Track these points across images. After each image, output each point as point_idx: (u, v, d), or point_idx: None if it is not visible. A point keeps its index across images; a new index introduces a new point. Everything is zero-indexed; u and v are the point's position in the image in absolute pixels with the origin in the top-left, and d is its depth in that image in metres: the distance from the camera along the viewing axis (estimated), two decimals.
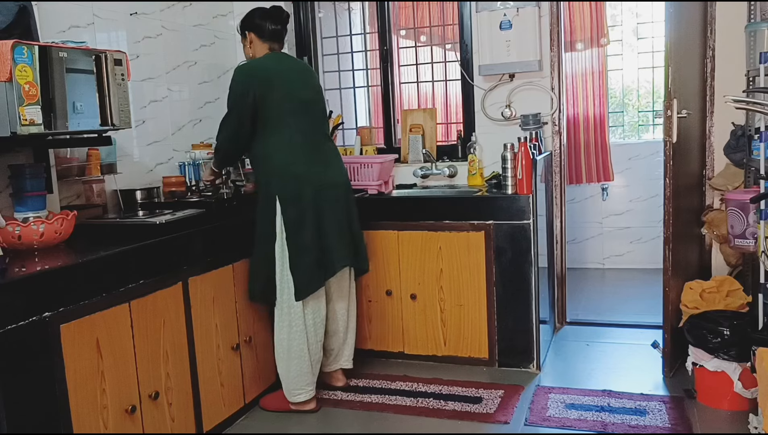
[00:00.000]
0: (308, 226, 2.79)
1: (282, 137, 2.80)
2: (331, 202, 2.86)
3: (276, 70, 2.83)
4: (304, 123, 2.84)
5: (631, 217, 5.11)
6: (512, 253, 3.20)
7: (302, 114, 2.84)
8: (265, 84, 2.76)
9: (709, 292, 2.92)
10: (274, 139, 2.80)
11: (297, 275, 2.79)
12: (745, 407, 2.62)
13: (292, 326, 2.85)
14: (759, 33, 2.91)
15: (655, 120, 5.49)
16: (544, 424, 2.72)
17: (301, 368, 2.88)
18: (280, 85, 2.79)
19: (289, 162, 2.80)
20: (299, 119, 2.82)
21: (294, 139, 2.81)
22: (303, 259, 2.79)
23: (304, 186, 2.79)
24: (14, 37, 2.20)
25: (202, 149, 3.42)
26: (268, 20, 2.89)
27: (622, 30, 5.37)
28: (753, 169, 2.96)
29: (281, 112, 2.79)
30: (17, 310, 1.89)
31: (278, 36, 2.92)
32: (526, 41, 3.49)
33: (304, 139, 2.84)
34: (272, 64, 2.86)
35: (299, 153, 2.81)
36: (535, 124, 3.48)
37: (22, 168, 2.42)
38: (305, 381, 2.90)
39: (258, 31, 2.89)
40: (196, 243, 2.66)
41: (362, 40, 4.46)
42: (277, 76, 2.81)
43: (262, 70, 2.81)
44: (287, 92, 2.80)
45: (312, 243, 2.80)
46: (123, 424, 2.25)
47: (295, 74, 2.89)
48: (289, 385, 2.90)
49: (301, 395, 2.90)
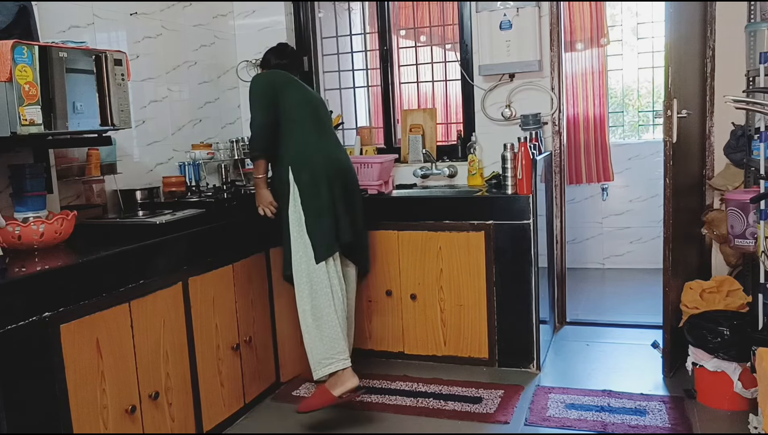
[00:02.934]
0: (323, 190, 2.85)
1: (297, 132, 2.91)
2: (339, 181, 2.92)
3: (288, 77, 3.04)
4: (316, 118, 2.99)
5: (631, 217, 5.11)
6: (512, 253, 3.20)
7: (314, 113, 2.99)
8: (281, 85, 2.95)
9: (709, 292, 2.92)
10: (290, 135, 2.91)
11: (315, 236, 2.82)
12: (745, 407, 2.62)
13: (316, 291, 2.81)
14: (759, 33, 2.91)
15: (655, 120, 5.49)
16: (544, 424, 2.72)
17: (333, 333, 2.78)
18: (293, 88, 2.98)
19: (302, 147, 2.91)
20: (312, 117, 2.97)
21: (308, 130, 2.93)
22: (320, 220, 2.83)
23: (316, 158, 2.89)
24: (14, 37, 2.20)
25: (202, 149, 3.42)
26: (272, 55, 3.16)
27: (622, 30, 5.37)
28: (753, 169, 2.96)
29: (296, 111, 2.93)
30: (17, 310, 1.89)
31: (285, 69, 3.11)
32: (526, 41, 3.49)
33: (317, 132, 2.97)
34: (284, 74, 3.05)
35: (312, 141, 2.93)
36: (535, 124, 3.48)
37: (22, 168, 2.42)
38: (338, 348, 2.78)
39: (265, 65, 3.18)
40: (196, 243, 2.66)
41: (362, 40, 4.46)
42: (289, 81, 3.02)
43: (277, 75, 3.03)
44: (300, 94, 2.98)
45: (327, 207, 2.85)
46: (123, 424, 2.25)
47: (302, 84, 3.10)
48: (318, 355, 2.78)
49: (334, 364, 2.76)
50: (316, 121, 2.99)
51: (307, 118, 2.96)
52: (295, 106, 2.95)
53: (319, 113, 3.04)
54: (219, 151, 3.53)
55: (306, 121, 2.96)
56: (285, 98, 2.94)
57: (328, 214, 2.85)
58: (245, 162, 3.76)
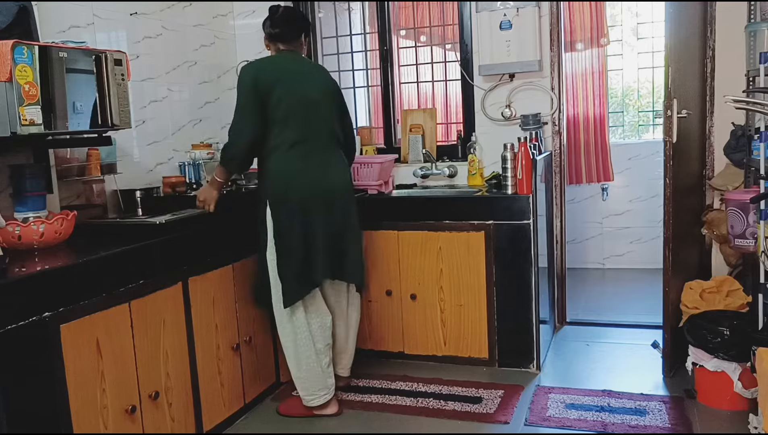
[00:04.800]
0: (296, 231, 2.73)
1: (279, 139, 2.74)
2: (322, 208, 2.77)
3: (281, 68, 2.79)
4: (304, 124, 2.77)
5: (631, 217, 5.11)
6: (512, 253, 3.20)
7: (303, 115, 2.77)
8: (267, 82, 2.71)
9: (709, 292, 2.92)
10: (273, 140, 2.75)
11: (284, 281, 2.74)
12: (745, 407, 2.62)
13: (297, 334, 2.81)
14: (759, 33, 2.91)
15: (655, 120, 5.49)
16: (544, 424, 2.72)
17: (313, 374, 2.83)
18: (282, 84, 2.72)
19: (282, 165, 2.74)
20: (300, 120, 2.76)
21: (291, 140, 2.74)
22: (290, 265, 2.73)
23: (294, 190, 2.73)
24: (14, 37, 2.20)
25: (202, 149, 3.42)
26: (267, 21, 2.88)
27: (622, 30, 5.37)
28: (753, 169, 2.96)
29: (282, 113, 2.72)
30: (17, 310, 1.89)
31: (279, 38, 2.86)
32: (526, 41, 3.49)
33: (302, 141, 2.76)
34: (278, 63, 2.83)
35: (294, 156, 2.74)
36: (535, 124, 3.48)
37: (22, 168, 2.42)
38: (318, 386, 2.84)
39: (268, 37, 2.89)
40: (196, 243, 2.66)
41: (362, 40, 4.45)
42: (281, 74, 2.75)
43: (265, 68, 2.77)
44: (289, 92, 2.73)
45: (298, 249, 2.73)
46: (123, 424, 2.25)
47: (301, 75, 2.83)
48: (302, 391, 2.86)
49: (315, 400, 2.85)
50: (307, 125, 2.76)
51: (294, 123, 2.73)
52: (282, 105, 2.70)
53: (313, 112, 2.78)
54: (219, 151, 3.53)
55: (292, 127, 2.73)
56: (272, 95, 2.69)
57: (298, 257, 2.73)
58: None
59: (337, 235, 2.85)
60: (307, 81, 2.84)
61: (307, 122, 2.78)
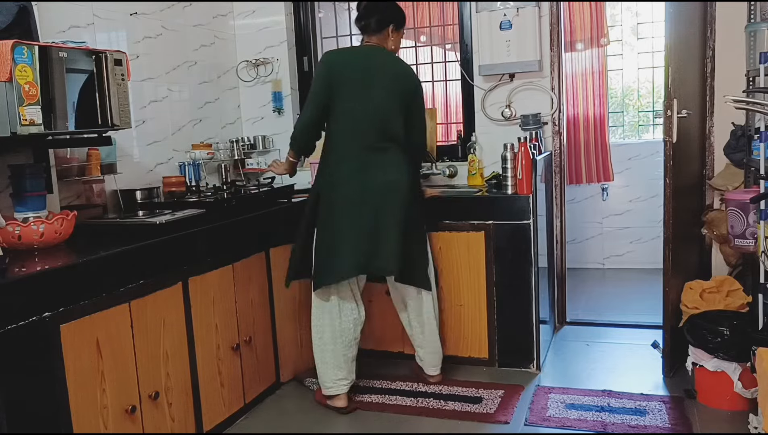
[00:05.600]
0: (335, 223, 2.83)
1: (338, 132, 2.84)
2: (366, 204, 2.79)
3: (354, 61, 2.85)
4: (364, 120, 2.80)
5: (631, 217, 5.11)
6: (512, 253, 3.20)
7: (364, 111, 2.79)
8: (338, 72, 2.79)
9: (709, 292, 2.92)
10: (332, 132, 2.85)
11: (317, 267, 2.88)
12: (745, 407, 2.62)
13: (323, 317, 2.91)
14: (759, 33, 2.91)
15: (655, 120, 5.49)
16: (544, 424, 2.72)
17: (325, 361, 2.91)
18: (351, 77, 2.79)
19: (334, 159, 2.84)
20: (360, 115, 2.80)
21: (348, 134, 2.82)
22: (324, 253, 2.85)
23: (341, 185, 2.81)
24: (14, 37, 2.19)
25: (202, 149, 3.42)
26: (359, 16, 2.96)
27: (622, 30, 5.37)
28: (753, 169, 2.96)
29: (346, 105, 2.80)
30: (17, 310, 1.88)
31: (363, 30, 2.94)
32: (526, 41, 3.49)
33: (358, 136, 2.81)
34: (354, 55, 2.92)
35: (347, 152, 2.82)
36: (535, 124, 3.48)
37: (22, 168, 2.42)
38: (335, 376, 2.91)
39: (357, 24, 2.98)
40: (196, 243, 2.65)
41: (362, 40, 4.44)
42: (353, 67, 2.82)
43: (339, 58, 2.86)
44: (357, 86, 2.79)
45: (334, 240, 2.82)
46: (123, 424, 2.25)
47: (373, 70, 2.83)
48: (321, 376, 2.94)
49: (332, 389, 2.92)
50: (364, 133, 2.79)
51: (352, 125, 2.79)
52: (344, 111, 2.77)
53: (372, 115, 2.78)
54: (219, 151, 3.53)
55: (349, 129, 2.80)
56: (338, 91, 2.77)
57: (334, 246, 2.82)
58: (245, 162, 3.76)
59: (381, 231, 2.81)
60: (377, 77, 2.82)
61: (366, 118, 2.81)
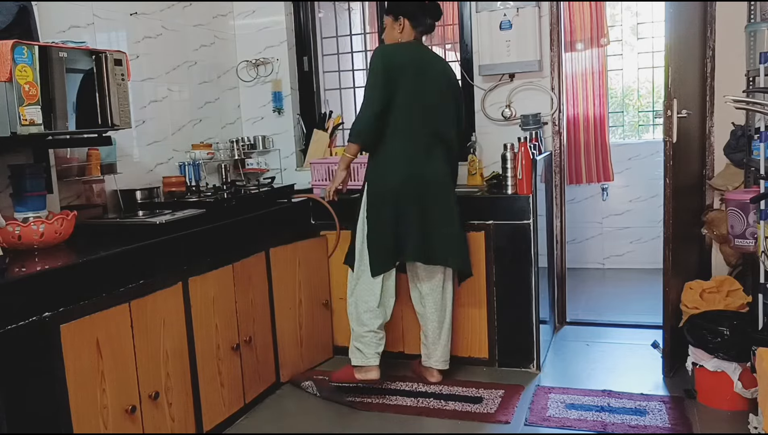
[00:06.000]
0: (385, 213, 2.90)
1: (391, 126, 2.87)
2: (413, 196, 2.91)
3: (413, 59, 2.90)
4: (415, 115, 2.89)
5: (631, 217, 5.11)
6: (512, 253, 3.20)
7: (415, 106, 2.89)
8: (395, 68, 2.83)
9: (709, 292, 2.92)
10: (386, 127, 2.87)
11: (371, 254, 2.94)
12: (745, 407, 2.62)
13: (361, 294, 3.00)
14: (759, 33, 2.91)
15: (655, 120, 5.49)
16: (544, 424, 2.72)
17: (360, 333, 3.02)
18: (411, 75, 2.85)
19: (385, 152, 2.90)
20: (411, 111, 2.88)
21: (399, 129, 2.88)
22: (377, 241, 2.93)
23: (390, 177, 2.89)
24: (14, 37, 2.20)
25: (202, 149, 3.42)
26: (427, 14, 2.97)
27: (622, 30, 5.37)
28: (753, 169, 2.96)
29: (399, 100, 2.84)
30: (17, 310, 1.89)
31: (430, 29, 3.03)
32: (526, 41, 3.49)
33: (408, 131, 2.89)
34: (412, 53, 2.93)
35: (398, 145, 2.89)
36: (535, 124, 3.48)
37: (22, 168, 2.42)
38: (365, 349, 3.01)
39: (415, 20, 2.96)
40: (196, 243, 2.66)
41: (362, 40, 4.45)
42: (412, 65, 2.87)
43: (400, 55, 2.89)
44: (410, 82, 2.85)
45: (385, 229, 2.91)
46: (123, 424, 2.25)
47: (425, 66, 2.93)
48: (361, 349, 3.03)
49: (371, 359, 3.02)
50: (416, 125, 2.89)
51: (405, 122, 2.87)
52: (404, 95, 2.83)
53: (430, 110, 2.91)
54: (219, 151, 3.53)
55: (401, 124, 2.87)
56: (394, 86, 2.82)
57: (387, 233, 2.91)
58: (245, 162, 3.76)
59: (429, 222, 2.94)
60: (428, 74, 2.93)
61: (417, 114, 2.90)
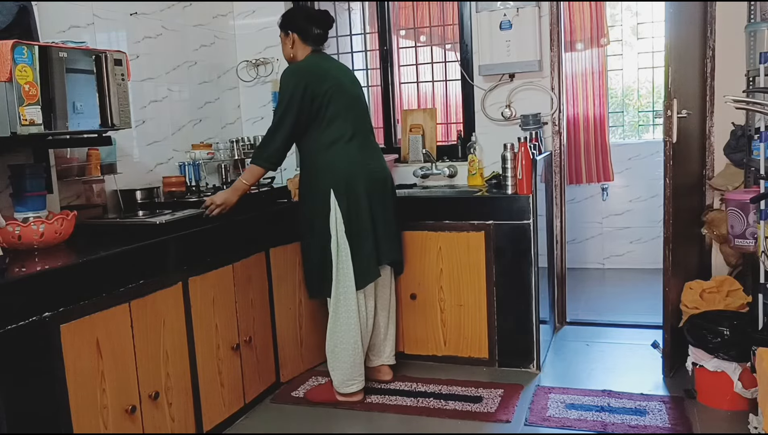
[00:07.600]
0: (363, 215, 2.87)
1: (334, 133, 2.85)
2: (380, 196, 2.93)
3: (325, 68, 2.91)
4: (353, 118, 2.91)
5: (631, 217, 5.11)
6: (512, 253, 3.20)
7: (351, 110, 2.91)
8: (317, 81, 2.82)
9: (709, 292, 2.92)
10: (327, 135, 2.85)
11: (357, 264, 2.87)
12: (745, 407, 2.62)
13: (349, 317, 2.91)
14: (759, 33, 2.91)
15: (655, 120, 5.49)
16: (544, 424, 2.72)
17: (356, 359, 2.94)
18: (331, 82, 2.84)
19: (345, 157, 2.86)
20: (349, 115, 2.89)
21: (346, 134, 2.87)
22: (362, 248, 2.87)
23: (357, 178, 2.86)
24: (14, 37, 2.19)
25: (202, 149, 3.42)
26: (314, 24, 2.92)
27: (622, 30, 5.37)
28: (753, 169, 2.96)
29: (334, 109, 2.84)
30: (17, 310, 1.88)
31: (322, 40, 2.98)
32: (526, 41, 3.49)
33: (354, 133, 2.90)
34: (320, 62, 2.93)
35: (351, 148, 2.88)
36: (535, 124, 3.48)
37: (22, 168, 2.42)
38: (358, 371, 2.96)
39: (303, 33, 2.93)
40: (196, 243, 2.66)
41: (362, 40, 4.45)
42: (327, 73, 2.88)
43: (313, 67, 2.88)
44: (338, 89, 2.86)
45: (369, 233, 2.88)
46: (123, 424, 2.25)
47: (340, 72, 2.97)
48: (342, 376, 2.95)
49: (354, 386, 2.96)
50: (355, 119, 2.90)
51: (346, 117, 2.86)
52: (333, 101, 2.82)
53: (357, 108, 2.94)
54: (219, 151, 3.53)
55: (345, 121, 2.85)
56: (323, 93, 2.80)
57: (369, 239, 2.88)
58: (245, 162, 3.75)
59: (390, 221, 3.00)
60: (346, 79, 2.96)
61: (356, 116, 2.93)
